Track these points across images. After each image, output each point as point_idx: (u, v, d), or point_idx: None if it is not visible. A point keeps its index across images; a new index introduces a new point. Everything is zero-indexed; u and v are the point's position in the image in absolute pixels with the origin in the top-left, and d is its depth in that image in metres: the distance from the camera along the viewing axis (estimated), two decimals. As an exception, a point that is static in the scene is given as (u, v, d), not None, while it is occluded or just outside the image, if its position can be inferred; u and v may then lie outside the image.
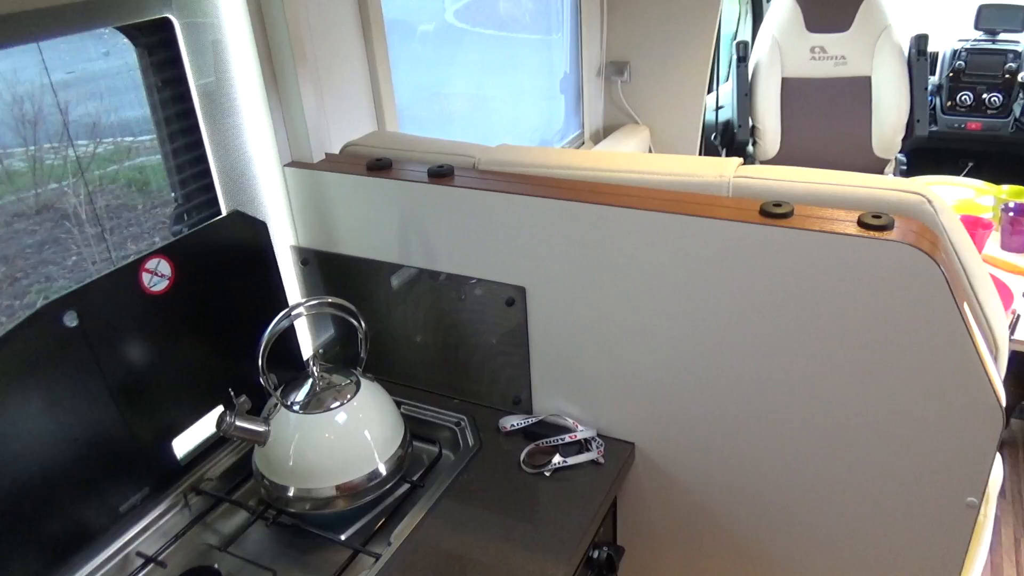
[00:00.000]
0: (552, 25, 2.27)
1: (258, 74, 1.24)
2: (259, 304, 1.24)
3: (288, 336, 1.30)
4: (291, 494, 1.08)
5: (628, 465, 1.22)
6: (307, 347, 1.41)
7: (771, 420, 1.10)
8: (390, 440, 1.13)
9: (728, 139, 2.91)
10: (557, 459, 1.17)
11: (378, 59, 1.47)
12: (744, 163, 1.10)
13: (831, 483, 1.10)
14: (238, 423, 1.05)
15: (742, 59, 2.88)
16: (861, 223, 0.94)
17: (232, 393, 1.09)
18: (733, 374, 1.09)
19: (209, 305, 1.17)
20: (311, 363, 1.14)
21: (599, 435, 1.22)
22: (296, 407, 1.09)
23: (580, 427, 1.22)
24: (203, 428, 1.20)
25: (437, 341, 1.32)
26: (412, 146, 1.31)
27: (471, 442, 1.23)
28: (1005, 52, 2.92)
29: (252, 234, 1.22)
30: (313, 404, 1.10)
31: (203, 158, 1.25)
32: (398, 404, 1.24)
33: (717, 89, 2.95)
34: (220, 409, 1.20)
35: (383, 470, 1.11)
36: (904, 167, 2.93)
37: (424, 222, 1.22)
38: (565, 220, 1.10)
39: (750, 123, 2.90)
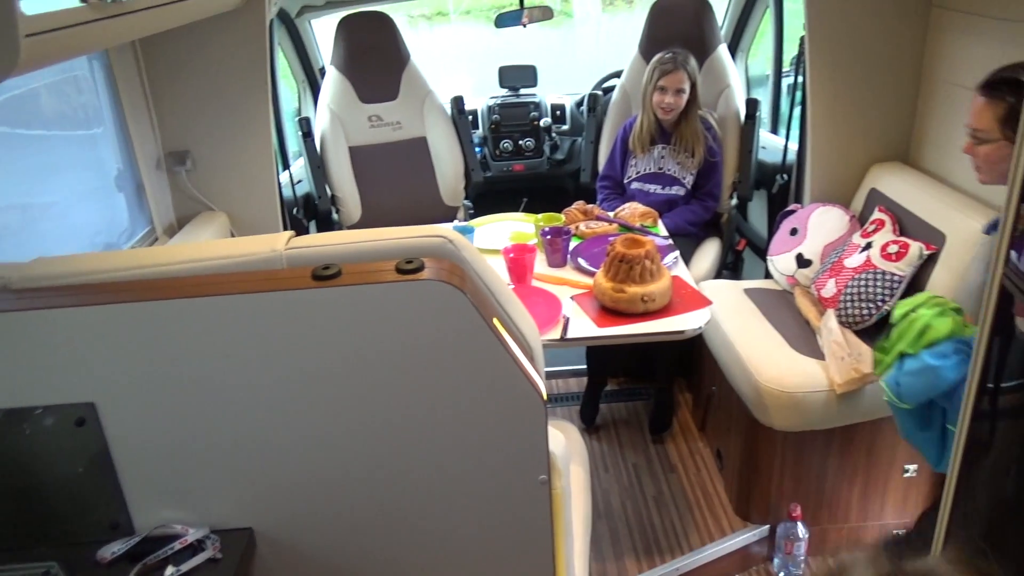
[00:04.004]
0: (93, 120, 2.14)
1: None
2: None
3: None
4: None
5: (250, 551, 1.19)
6: None
7: (365, 462, 1.18)
8: (-48, 621, 0.96)
9: (311, 211, 3.02)
10: (170, 571, 1.10)
11: None
12: (321, 230, 1.17)
13: (434, 499, 1.22)
14: None
15: (307, 134, 3.02)
16: (398, 270, 1.08)
17: None
18: (320, 433, 1.15)
19: None
20: None
21: (213, 531, 1.18)
22: None
23: (190, 530, 1.17)
24: None
25: (8, 489, 1.16)
26: (-79, 279, 1.14)
27: (66, 588, 1.10)
28: (527, 104, 3.50)
29: None
30: None
31: None
32: (-39, 576, 1.05)
33: (290, 166, 3.05)
34: None
35: (-51, 660, 0.93)
36: (471, 211, 3.33)
37: (-47, 360, 1.06)
38: (119, 323, 1.06)
39: (329, 192, 3.04)
